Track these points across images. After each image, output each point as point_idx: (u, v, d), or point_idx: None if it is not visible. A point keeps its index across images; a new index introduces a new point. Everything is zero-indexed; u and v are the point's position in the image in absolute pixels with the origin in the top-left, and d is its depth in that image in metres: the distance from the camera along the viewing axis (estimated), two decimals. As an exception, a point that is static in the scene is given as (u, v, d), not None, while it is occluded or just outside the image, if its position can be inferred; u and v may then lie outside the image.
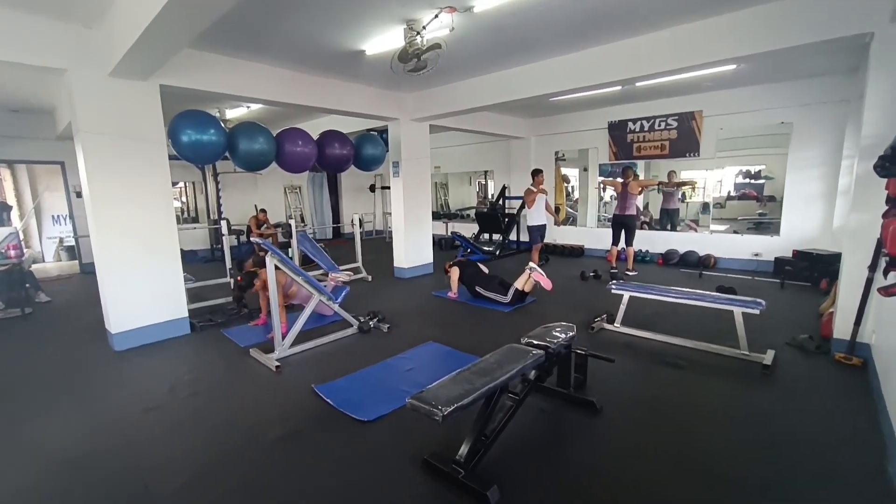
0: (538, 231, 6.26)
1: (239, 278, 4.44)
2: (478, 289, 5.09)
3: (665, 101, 6.93)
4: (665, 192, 7.64)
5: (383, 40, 3.97)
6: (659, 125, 7.06)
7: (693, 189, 7.94)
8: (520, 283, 4.81)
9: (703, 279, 6.01)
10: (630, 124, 7.37)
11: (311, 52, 4.25)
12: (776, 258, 6.04)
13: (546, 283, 4.66)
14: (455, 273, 5.26)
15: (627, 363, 3.35)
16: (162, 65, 3.53)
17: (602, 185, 8.21)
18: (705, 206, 7.38)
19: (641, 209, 8.45)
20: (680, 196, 7.61)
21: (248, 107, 6.69)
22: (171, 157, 4.19)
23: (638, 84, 5.48)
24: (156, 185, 3.97)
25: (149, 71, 3.64)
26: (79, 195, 7.23)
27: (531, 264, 4.83)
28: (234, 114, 7.07)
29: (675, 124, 6.91)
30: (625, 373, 3.19)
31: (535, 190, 6.15)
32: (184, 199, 10.29)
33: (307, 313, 3.76)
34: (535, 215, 6.21)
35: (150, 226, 3.95)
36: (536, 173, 6.20)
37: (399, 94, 6.13)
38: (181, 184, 9.97)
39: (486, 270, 5.41)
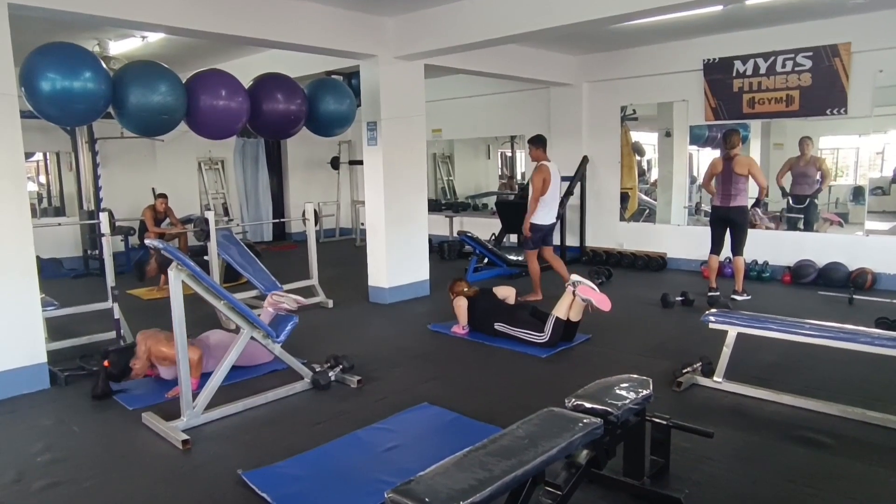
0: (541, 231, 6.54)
1: (106, 362, 3.98)
2: (498, 326, 5.14)
3: (791, 29, 6.95)
4: (796, 170, 7.62)
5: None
6: (783, 66, 7.07)
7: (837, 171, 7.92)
8: (561, 310, 4.84)
9: (856, 306, 5.99)
10: (738, 64, 7.40)
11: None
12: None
13: (602, 302, 4.71)
14: (462, 303, 5.36)
15: (734, 439, 3.33)
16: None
17: (696, 183, 8.16)
18: (857, 192, 7.36)
19: (766, 194, 8.40)
20: (819, 177, 7.59)
21: (144, 37, 6.74)
22: (24, 116, 4.22)
23: (749, 1, 5.49)
24: (-1, 158, 4.02)
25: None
26: None
27: (574, 277, 4.88)
28: (121, 48, 7.13)
29: (807, 64, 6.91)
30: (731, 455, 3.17)
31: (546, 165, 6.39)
32: (42, 179, 10.35)
33: (232, 358, 3.76)
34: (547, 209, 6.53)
35: (-14, 222, 4.01)
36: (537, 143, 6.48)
37: (377, 19, 6.18)
38: (38, 156, 10.03)
39: (509, 297, 5.46)
